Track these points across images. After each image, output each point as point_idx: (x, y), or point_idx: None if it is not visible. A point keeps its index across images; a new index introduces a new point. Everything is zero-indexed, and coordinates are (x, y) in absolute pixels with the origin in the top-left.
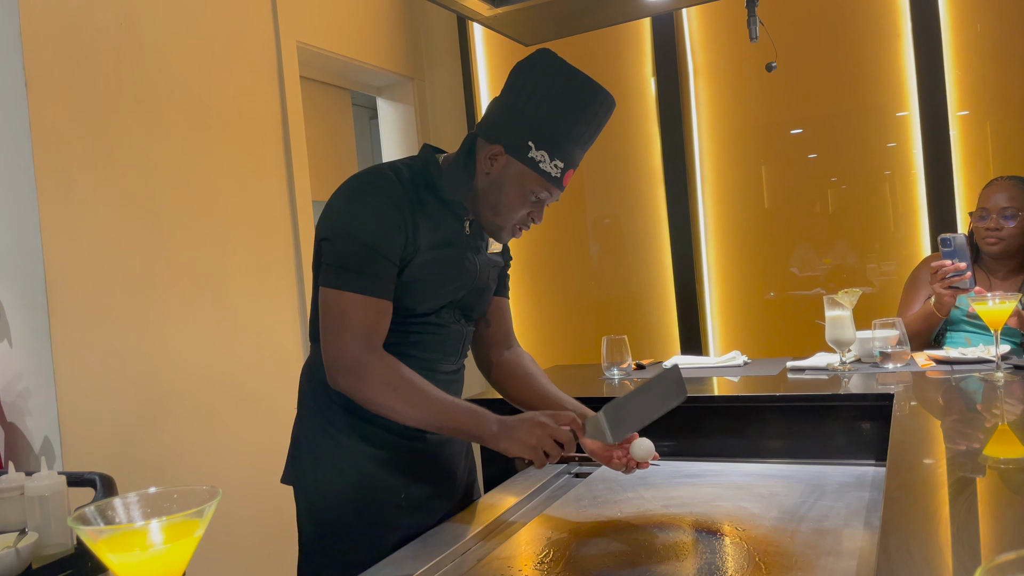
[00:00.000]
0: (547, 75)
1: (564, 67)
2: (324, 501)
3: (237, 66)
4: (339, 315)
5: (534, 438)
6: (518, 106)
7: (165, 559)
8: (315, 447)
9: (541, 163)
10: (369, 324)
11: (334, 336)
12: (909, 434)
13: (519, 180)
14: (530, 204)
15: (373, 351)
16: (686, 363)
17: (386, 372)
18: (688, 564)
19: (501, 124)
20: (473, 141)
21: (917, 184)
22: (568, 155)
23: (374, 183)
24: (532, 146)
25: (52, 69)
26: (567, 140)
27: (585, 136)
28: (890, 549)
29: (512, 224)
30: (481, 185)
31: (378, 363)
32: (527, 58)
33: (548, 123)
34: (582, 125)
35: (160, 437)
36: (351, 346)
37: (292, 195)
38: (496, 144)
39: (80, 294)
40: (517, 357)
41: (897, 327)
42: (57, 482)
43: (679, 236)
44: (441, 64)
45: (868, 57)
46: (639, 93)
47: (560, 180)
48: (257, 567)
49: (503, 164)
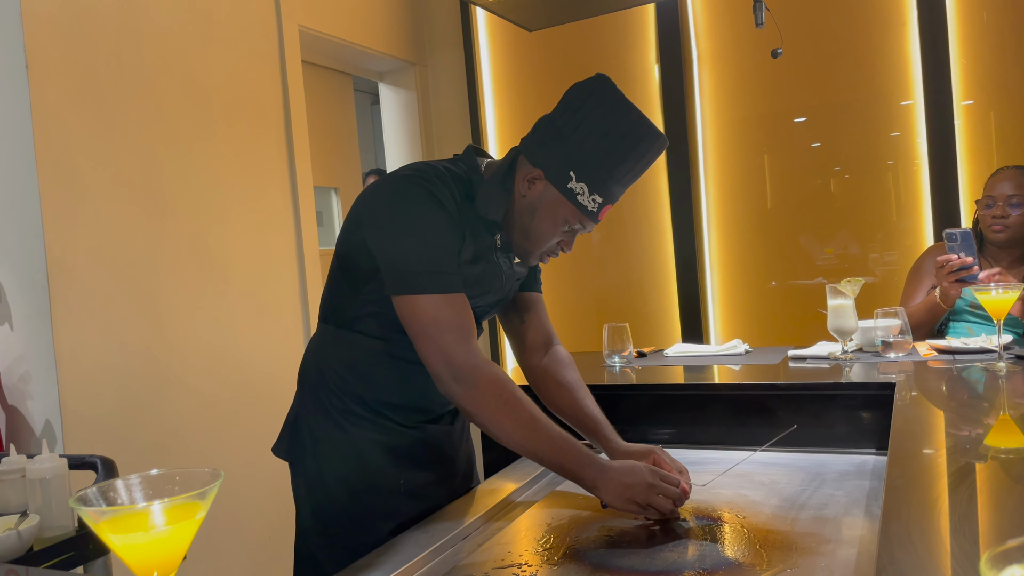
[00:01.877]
0: (601, 106)
1: (621, 101)
2: (322, 484)
3: (238, 50)
4: (431, 321)
5: (641, 497)
6: (566, 132)
7: (167, 541)
8: (315, 428)
9: (579, 195)
10: (463, 323)
11: (435, 343)
12: (911, 423)
13: (554, 207)
14: (562, 233)
15: (479, 355)
16: (687, 351)
17: (496, 383)
18: (688, 551)
19: (546, 147)
20: (515, 157)
21: (921, 173)
22: (608, 192)
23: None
24: (573, 176)
25: (53, 53)
26: (610, 178)
27: (629, 176)
28: (891, 537)
29: (541, 251)
30: (517, 206)
31: (489, 370)
32: (585, 81)
33: (593, 157)
34: (628, 164)
35: (161, 420)
36: (456, 349)
37: (293, 180)
38: (537, 168)
39: (81, 277)
40: (558, 365)
41: (899, 316)
42: (59, 464)
43: (681, 224)
44: (444, 49)
45: (873, 45)
46: (642, 80)
47: (596, 215)
48: (257, 549)
49: (541, 189)
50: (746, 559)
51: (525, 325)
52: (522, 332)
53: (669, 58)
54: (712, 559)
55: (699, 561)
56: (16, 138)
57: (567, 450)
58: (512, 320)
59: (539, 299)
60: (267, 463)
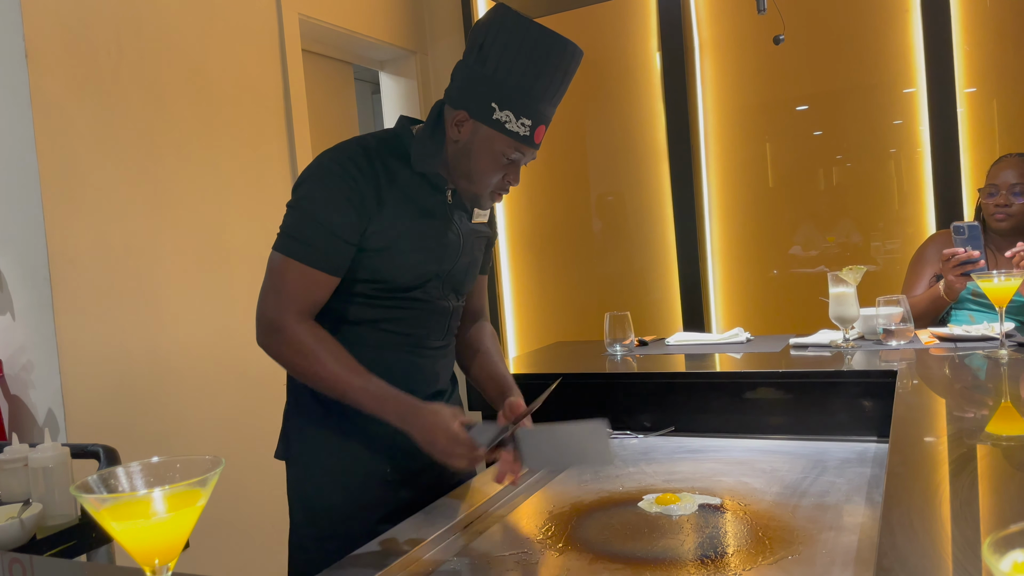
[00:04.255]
0: (503, 31)
1: (520, 21)
2: (310, 477)
3: (239, 38)
4: (276, 278)
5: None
6: (478, 68)
7: (168, 528)
8: (301, 424)
9: (507, 124)
10: (301, 292)
11: (266, 297)
12: (912, 410)
13: (488, 144)
14: (503, 167)
15: (298, 316)
16: (689, 340)
17: (302, 337)
18: (690, 538)
19: (463, 88)
20: (441, 108)
21: (923, 162)
22: (535, 112)
23: (338, 159)
24: (496, 107)
25: (53, 42)
26: (531, 97)
27: (550, 90)
28: (892, 523)
29: (489, 190)
30: (452, 153)
31: (299, 327)
32: (483, 16)
33: (508, 82)
34: (544, 79)
35: (162, 410)
36: (277, 308)
37: (294, 169)
38: (460, 109)
39: (82, 267)
40: (478, 332)
41: (901, 304)
42: (61, 453)
43: (683, 213)
44: (444, 38)
45: (876, 32)
46: (643, 68)
47: (531, 138)
48: (256, 539)
49: (470, 129)
50: (747, 546)
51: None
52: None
53: (671, 46)
54: (713, 546)
55: (700, 548)
56: (16, 127)
57: (378, 396)
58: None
59: (482, 279)
60: (266, 454)
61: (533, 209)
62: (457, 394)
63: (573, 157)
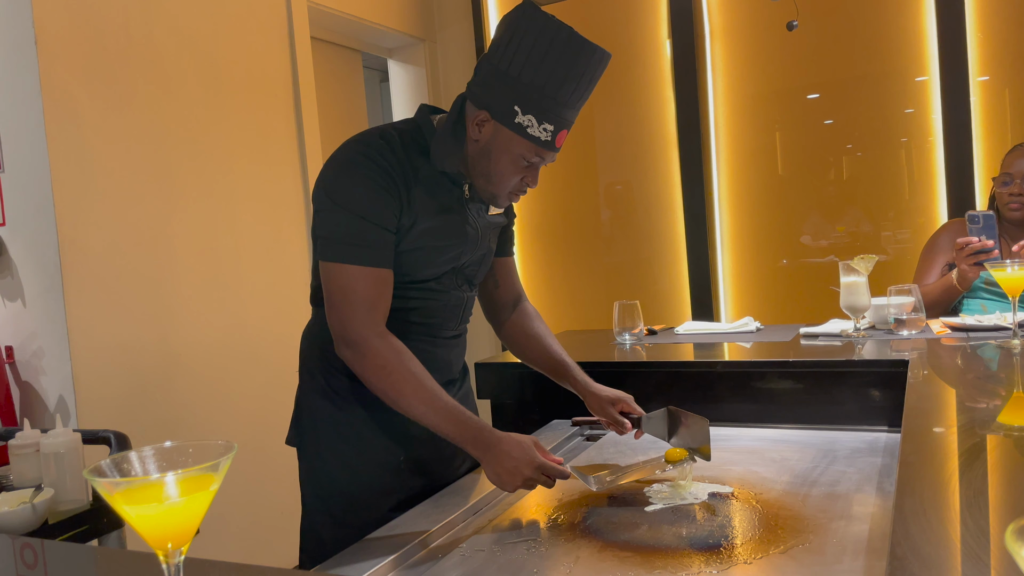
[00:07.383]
0: (531, 32)
1: (549, 22)
2: (324, 464)
3: (247, 26)
4: (341, 288)
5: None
6: (503, 67)
7: (181, 512)
8: (315, 411)
9: (529, 128)
10: (371, 296)
11: (337, 310)
12: (924, 400)
13: (508, 146)
14: (522, 169)
15: (376, 327)
16: (698, 329)
17: (384, 355)
18: (700, 527)
19: (486, 87)
20: (463, 104)
21: (935, 151)
22: (558, 117)
23: (365, 152)
24: (519, 110)
25: (62, 28)
26: (555, 103)
27: (575, 96)
28: (905, 512)
29: (507, 191)
30: (471, 152)
31: (379, 342)
32: (510, 12)
33: (533, 86)
34: (570, 85)
35: (172, 397)
36: (353, 320)
37: (303, 157)
38: (482, 109)
39: (92, 254)
40: (525, 318)
41: (913, 294)
42: (73, 439)
43: (692, 202)
44: (453, 25)
45: (889, 19)
46: (654, 56)
47: (552, 143)
48: (266, 524)
49: (491, 130)
50: (757, 535)
51: (499, 289)
52: (495, 295)
53: (681, 33)
54: (723, 535)
55: (710, 537)
56: (26, 114)
57: (458, 422)
58: (487, 283)
59: (510, 262)
60: (277, 441)
61: (542, 198)
62: (468, 383)
63: (582, 146)
